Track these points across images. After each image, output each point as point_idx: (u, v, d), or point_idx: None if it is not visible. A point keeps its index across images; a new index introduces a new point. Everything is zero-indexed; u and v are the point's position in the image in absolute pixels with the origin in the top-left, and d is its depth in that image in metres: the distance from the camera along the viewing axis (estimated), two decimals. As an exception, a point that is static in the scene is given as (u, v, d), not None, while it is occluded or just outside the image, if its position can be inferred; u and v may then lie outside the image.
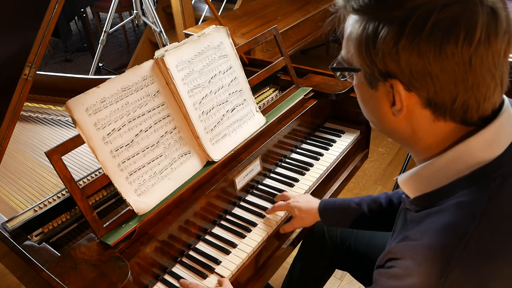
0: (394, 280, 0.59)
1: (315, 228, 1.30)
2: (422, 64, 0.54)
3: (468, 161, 0.59)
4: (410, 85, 0.57)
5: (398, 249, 0.61)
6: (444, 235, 0.56)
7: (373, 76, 0.60)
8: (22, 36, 1.08)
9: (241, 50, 1.36)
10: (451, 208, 0.58)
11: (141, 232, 0.97)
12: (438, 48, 0.53)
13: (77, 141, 0.94)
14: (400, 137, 0.66)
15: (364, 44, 0.58)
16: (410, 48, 0.54)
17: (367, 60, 0.59)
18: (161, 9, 3.93)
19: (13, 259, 0.97)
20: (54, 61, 4.37)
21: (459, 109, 0.57)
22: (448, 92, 0.56)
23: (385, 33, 0.55)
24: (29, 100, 1.71)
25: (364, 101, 0.67)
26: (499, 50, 0.54)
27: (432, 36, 0.53)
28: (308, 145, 1.46)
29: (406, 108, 0.59)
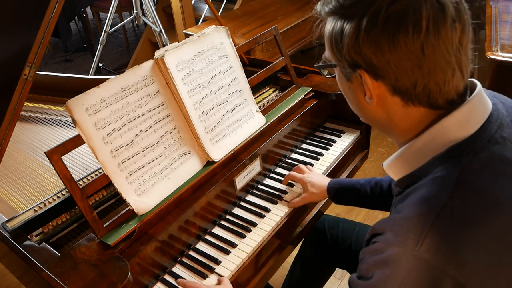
0: (377, 255, 0.62)
1: (316, 226, 1.30)
2: (380, 55, 0.61)
3: (444, 140, 0.64)
4: (375, 74, 0.63)
5: (379, 224, 0.65)
6: (420, 206, 0.61)
7: (346, 69, 0.67)
8: (22, 36, 1.08)
9: (241, 50, 1.36)
10: (427, 183, 0.64)
11: (141, 232, 0.97)
12: (392, 39, 0.59)
13: (77, 141, 0.94)
14: (379, 124, 0.72)
15: (334, 41, 0.66)
16: (368, 40, 0.61)
17: (338, 55, 0.66)
18: (161, 9, 3.93)
19: (13, 259, 0.97)
20: (54, 61, 4.37)
21: (422, 93, 0.63)
22: (408, 79, 0.62)
23: (348, 29, 0.63)
24: (29, 100, 1.71)
25: (345, 94, 0.74)
26: (450, 37, 0.60)
27: (385, 28, 0.59)
28: (308, 145, 1.46)
29: (376, 97, 0.66)
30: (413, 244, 0.58)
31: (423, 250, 0.57)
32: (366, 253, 0.65)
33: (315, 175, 1.23)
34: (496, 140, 0.64)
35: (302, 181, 1.22)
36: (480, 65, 0.67)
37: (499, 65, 1.74)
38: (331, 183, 1.19)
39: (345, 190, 1.16)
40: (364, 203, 1.15)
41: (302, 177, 1.22)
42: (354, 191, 1.14)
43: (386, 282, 0.59)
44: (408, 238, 0.58)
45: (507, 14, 2.22)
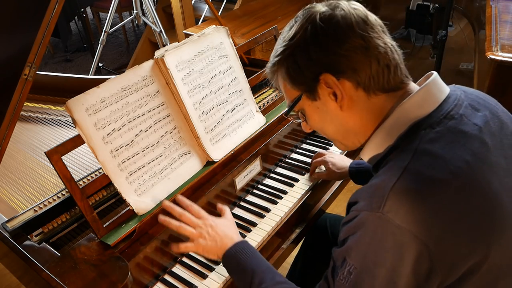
0: (349, 222, 0.69)
1: (318, 223, 1.31)
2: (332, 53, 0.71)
3: (405, 119, 0.73)
4: (335, 73, 0.72)
5: (353, 195, 0.73)
6: (384, 175, 0.69)
7: (310, 87, 0.75)
8: (22, 36, 1.08)
9: (241, 50, 1.36)
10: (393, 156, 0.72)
11: (141, 232, 0.97)
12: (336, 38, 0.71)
13: (77, 141, 0.94)
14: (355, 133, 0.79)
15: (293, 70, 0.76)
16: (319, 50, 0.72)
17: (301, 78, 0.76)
18: (161, 9, 3.93)
19: (13, 259, 0.97)
20: (54, 61, 4.37)
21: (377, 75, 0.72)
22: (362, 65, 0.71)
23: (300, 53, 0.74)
24: (29, 100, 1.71)
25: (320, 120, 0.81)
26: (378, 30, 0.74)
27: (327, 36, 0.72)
28: (308, 145, 1.46)
29: (346, 95, 0.73)
30: (377, 206, 0.64)
31: (386, 211, 0.63)
32: (342, 224, 0.72)
33: (335, 154, 1.30)
34: (452, 116, 0.72)
35: (323, 161, 1.28)
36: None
37: (499, 65, 1.74)
38: (353, 165, 1.25)
39: (365, 171, 1.20)
40: None
41: (323, 158, 1.29)
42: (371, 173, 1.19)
43: (357, 244, 0.67)
44: (373, 201, 0.65)
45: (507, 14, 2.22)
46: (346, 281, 0.68)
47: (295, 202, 1.22)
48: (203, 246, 0.93)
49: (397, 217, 0.62)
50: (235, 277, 0.90)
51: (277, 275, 0.86)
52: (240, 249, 0.91)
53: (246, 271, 0.86)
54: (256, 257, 0.90)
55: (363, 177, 1.21)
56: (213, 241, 0.93)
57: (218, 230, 0.94)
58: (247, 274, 0.86)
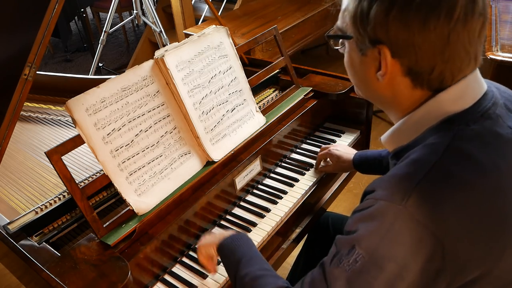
0: (364, 210, 0.66)
1: (320, 222, 1.31)
2: (407, 34, 0.62)
3: (438, 113, 0.68)
4: (395, 52, 0.65)
5: (371, 184, 0.69)
6: (410, 166, 0.65)
7: (364, 43, 0.68)
8: (22, 36, 1.08)
9: (241, 50, 1.36)
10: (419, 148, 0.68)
11: (141, 232, 0.97)
12: (423, 21, 0.61)
13: (77, 141, 0.94)
14: (381, 100, 0.75)
15: (359, 14, 0.66)
16: (398, 19, 0.62)
17: (361, 29, 0.67)
18: (161, 9, 3.93)
19: (13, 259, 0.97)
20: (54, 61, 4.37)
21: (436, 79, 0.66)
22: (427, 62, 0.64)
23: (378, 5, 0.63)
24: (29, 100, 1.71)
25: (352, 66, 0.75)
26: (474, 29, 0.63)
27: (419, 9, 0.60)
28: (308, 145, 1.46)
29: (389, 74, 0.67)
30: (400, 199, 0.61)
31: (409, 205, 0.60)
32: (355, 211, 0.68)
33: (340, 147, 1.30)
34: (489, 116, 0.67)
35: (328, 154, 1.29)
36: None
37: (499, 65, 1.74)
38: (357, 156, 1.25)
39: (369, 161, 1.22)
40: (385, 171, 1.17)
41: (327, 150, 1.29)
42: (376, 162, 1.20)
43: (370, 234, 0.63)
44: (396, 193, 0.62)
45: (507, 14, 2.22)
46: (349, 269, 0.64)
47: (295, 202, 1.22)
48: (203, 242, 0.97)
49: (418, 213, 0.60)
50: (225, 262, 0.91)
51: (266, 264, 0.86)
52: (235, 237, 0.93)
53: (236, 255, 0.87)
54: (249, 245, 0.91)
55: (367, 167, 1.23)
56: (212, 235, 0.97)
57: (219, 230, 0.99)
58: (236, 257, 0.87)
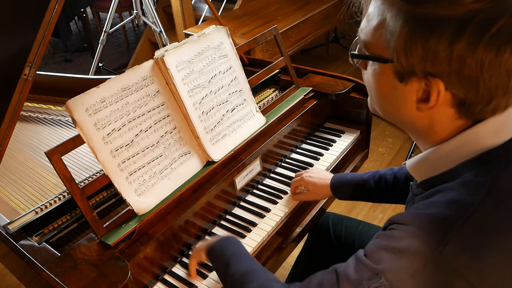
0: (392, 241, 0.61)
1: (320, 223, 1.31)
2: (474, 68, 0.54)
3: (475, 146, 0.61)
4: (451, 84, 0.57)
5: (401, 216, 0.63)
6: (448, 208, 0.58)
7: (410, 72, 0.58)
8: (22, 36, 1.08)
9: (241, 50, 1.36)
10: (457, 186, 0.61)
11: (141, 232, 0.97)
12: (495, 54, 0.53)
13: (77, 141, 0.94)
14: (413, 127, 0.67)
15: (410, 40, 0.56)
16: (466, 51, 0.53)
17: (410, 56, 0.57)
18: (161, 9, 3.93)
19: (13, 259, 0.97)
20: (54, 61, 4.37)
21: (489, 111, 0.59)
22: (487, 96, 0.57)
23: (440, 33, 0.53)
24: (29, 100, 1.71)
25: (381, 90, 0.66)
26: None
27: (492, 41, 0.52)
28: (308, 145, 1.46)
29: (436, 105, 0.59)
30: (436, 243, 0.56)
31: (446, 252, 0.56)
32: (381, 236, 0.64)
33: (313, 173, 1.21)
34: None
35: (303, 182, 1.20)
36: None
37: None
38: (334, 181, 1.16)
39: (349, 186, 1.14)
40: (368, 197, 1.14)
41: (301, 178, 1.20)
42: (358, 187, 1.13)
43: (398, 270, 0.59)
44: (433, 235, 0.57)
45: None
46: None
47: (296, 202, 1.22)
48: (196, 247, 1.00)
49: (456, 261, 0.56)
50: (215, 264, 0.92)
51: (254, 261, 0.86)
52: (224, 239, 0.94)
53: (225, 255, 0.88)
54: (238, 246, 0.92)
55: (347, 193, 1.15)
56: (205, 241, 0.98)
57: None
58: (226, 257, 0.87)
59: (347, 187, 1.14)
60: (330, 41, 3.88)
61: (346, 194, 1.16)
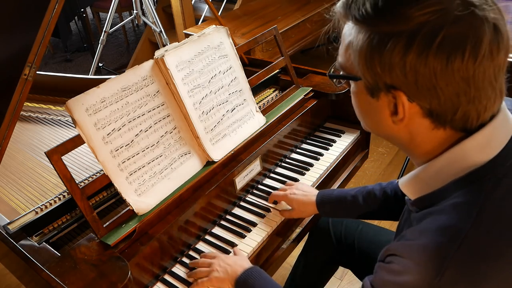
0: (392, 275, 0.61)
1: (320, 224, 1.31)
2: (428, 78, 0.56)
3: (463, 163, 0.61)
4: (413, 96, 0.58)
5: (396, 247, 0.63)
6: (440, 235, 0.58)
7: (376, 87, 0.61)
8: (22, 36, 1.08)
9: (241, 50, 1.36)
10: (447, 209, 0.60)
11: (141, 232, 0.97)
12: (445, 63, 0.54)
13: (77, 141, 0.94)
14: (398, 142, 0.68)
15: (369, 56, 0.59)
16: (417, 62, 0.55)
17: (371, 71, 0.60)
18: (161, 9, 3.93)
19: (13, 259, 0.97)
20: (54, 61, 4.37)
21: (459, 120, 0.59)
22: (451, 104, 0.57)
23: (392, 47, 0.56)
24: (29, 100, 1.71)
25: (361, 108, 0.69)
26: (499, 64, 0.57)
27: (440, 50, 0.54)
28: (308, 145, 1.46)
29: (406, 117, 0.61)
30: (433, 275, 0.56)
31: (444, 282, 0.55)
32: (382, 268, 0.64)
33: (297, 190, 1.16)
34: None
35: (286, 199, 1.16)
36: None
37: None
38: (320, 198, 1.12)
39: (336, 203, 1.11)
40: (357, 214, 1.11)
41: (284, 195, 1.16)
42: (346, 203, 1.09)
43: None
44: (428, 268, 0.57)
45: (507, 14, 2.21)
46: None
47: (295, 202, 1.22)
48: (216, 277, 0.97)
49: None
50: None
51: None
52: (249, 272, 0.94)
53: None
54: (264, 278, 0.93)
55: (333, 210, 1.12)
56: (225, 271, 0.97)
57: (229, 261, 0.99)
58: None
59: (334, 204, 1.11)
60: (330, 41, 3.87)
61: (333, 211, 1.12)
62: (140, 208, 0.99)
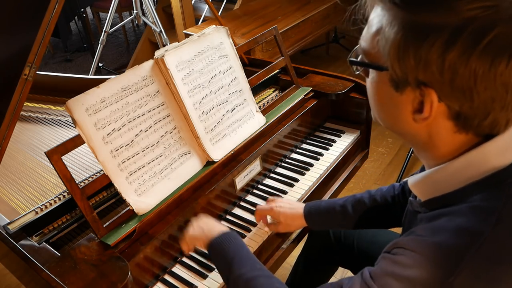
0: (398, 267, 0.59)
1: None
2: (467, 79, 0.52)
3: (482, 166, 0.59)
4: (445, 96, 0.55)
5: (407, 241, 0.61)
6: (457, 236, 0.56)
7: (404, 81, 0.57)
8: (22, 36, 1.08)
9: (241, 50, 1.36)
10: (465, 211, 0.58)
11: (141, 232, 0.97)
12: (488, 66, 0.51)
13: (77, 141, 0.94)
14: (413, 140, 0.65)
15: (403, 47, 0.54)
16: (458, 61, 0.51)
17: (403, 64, 0.56)
18: (161, 9, 3.93)
19: (13, 259, 0.97)
20: (54, 61, 4.37)
21: (487, 126, 0.57)
22: (483, 109, 0.54)
23: (433, 41, 0.52)
24: (29, 100, 1.71)
25: (379, 99, 0.65)
26: None
27: (485, 52, 0.50)
28: (308, 145, 1.46)
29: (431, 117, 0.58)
30: (447, 275, 0.54)
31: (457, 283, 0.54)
32: (386, 259, 0.62)
33: (283, 203, 1.12)
34: None
35: (272, 212, 1.10)
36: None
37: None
38: (308, 210, 1.08)
39: (325, 214, 1.07)
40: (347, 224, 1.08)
41: (270, 208, 1.11)
42: (335, 214, 1.06)
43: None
44: (443, 266, 0.55)
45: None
46: None
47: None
48: (190, 234, 0.98)
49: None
50: (217, 263, 0.91)
51: (257, 263, 0.85)
52: (226, 236, 0.92)
53: (228, 256, 0.86)
54: (240, 244, 0.90)
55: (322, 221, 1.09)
56: (200, 230, 0.97)
57: (208, 221, 0.99)
58: (228, 259, 0.86)
59: (323, 215, 1.08)
60: (330, 41, 3.88)
61: (322, 222, 1.09)
62: (140, 208, 0.99)
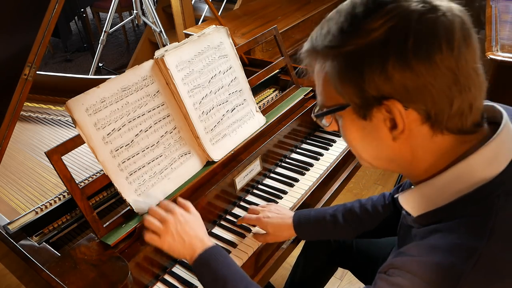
0: None
1: None
2: (415, 78, 0.55)
3: (470, 179, 0.59)
4: (406, 101, 0.57)
5: (401, 262, 0.61)
6: (452, 254, 0.56)
7: (366, 105, 0.60)
8: (22, 36, 1.08)
9: (241, 50, 1.36)
10: (457, 227, 0.59)
11: (141, 232, 0.97)
12: (427, 59, 0.54)
13: (77, 141, 0.94)
14: (399, 164, 0.66)
15: (350, 76, 0.59)
16: (400, 68, 0.55)
17: (357, 90, 0.59)
18: (161, 9, 3.93)
19: (13, 259, 0.97)
20: (54, 61, 4.37)
21: (456, 116, 0.58)
22: (445, 98, 0.57)
23: (370, 61, 0.56)
24: (29, 100, 1.71)
25: (357, 139, 0.66)
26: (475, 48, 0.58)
27: (418, 49, 0.54)
28: (308, 145, 1.46)
29: (407, 128, 0.59)
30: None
31: None
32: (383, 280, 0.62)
33: (271, 212, 1.09)
34: None
35: (259, 222, 1.08)
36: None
37: (499, 65, 1.74)
38: (297, 220, 1.06)
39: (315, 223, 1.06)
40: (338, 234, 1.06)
41: (257, 218, 1.08)
42: (325, 223, 1.05)
43: None
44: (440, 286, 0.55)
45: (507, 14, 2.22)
46: None
47: (295, 202, 1.22)
48: (169, 244, 0.91)
49: None
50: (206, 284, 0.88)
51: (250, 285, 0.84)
52: (212, 255, 0.88)
53: (218, 279, 0.84)
54: (228, 263, 0.87)
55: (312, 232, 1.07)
56: (180, 241, 0.90)
57: (187, 228, 0.91)
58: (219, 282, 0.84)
59: (313, 225, 1.06)
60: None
61: (312, 232, 1.07)
62: (140, 208, 0.99)
